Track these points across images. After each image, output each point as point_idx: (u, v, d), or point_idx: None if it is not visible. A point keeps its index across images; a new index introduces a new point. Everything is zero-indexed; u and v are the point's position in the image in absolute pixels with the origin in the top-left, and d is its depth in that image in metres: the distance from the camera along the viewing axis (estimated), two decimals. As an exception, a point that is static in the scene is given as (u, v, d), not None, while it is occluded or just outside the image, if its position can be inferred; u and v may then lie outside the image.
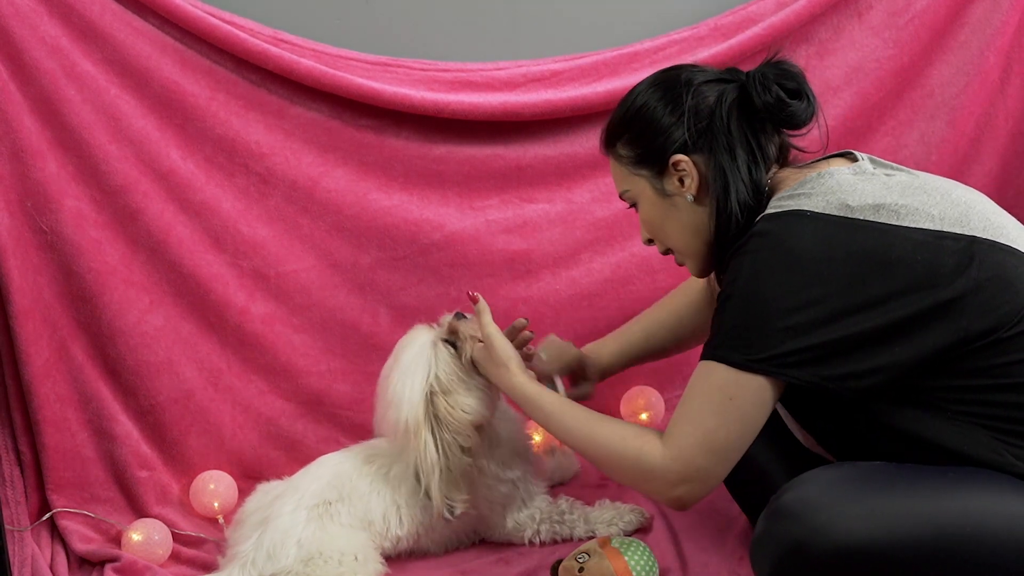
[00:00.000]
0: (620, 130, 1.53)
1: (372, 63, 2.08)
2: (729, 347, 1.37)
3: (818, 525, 1.27)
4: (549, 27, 2.21)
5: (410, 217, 2.11)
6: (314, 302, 2.09)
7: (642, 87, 1.52)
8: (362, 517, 1.73)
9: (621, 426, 1.51)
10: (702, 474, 1.40)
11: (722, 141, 1.44)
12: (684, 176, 1.47)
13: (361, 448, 1.84)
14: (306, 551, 1.65)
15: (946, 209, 1.35)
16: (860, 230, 1.33)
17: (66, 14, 1.87)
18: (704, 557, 1.75)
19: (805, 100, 1.43)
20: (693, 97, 1.46)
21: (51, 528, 1.89)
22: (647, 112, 1.49)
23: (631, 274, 2.20)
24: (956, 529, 1.27)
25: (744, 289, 1.37)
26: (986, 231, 1.34)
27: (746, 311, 1.37)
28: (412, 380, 1.68)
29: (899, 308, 1.31)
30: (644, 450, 1.43)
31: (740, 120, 1.44)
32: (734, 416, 1.37)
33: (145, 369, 1.97)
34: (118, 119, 1.92)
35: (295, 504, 1.70)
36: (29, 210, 1.87)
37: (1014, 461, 1.32)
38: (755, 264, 1.36)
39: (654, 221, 1.54)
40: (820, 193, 1.38)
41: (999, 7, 2.21)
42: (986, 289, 1.31)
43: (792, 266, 1.33)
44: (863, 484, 1.32)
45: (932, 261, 1.31)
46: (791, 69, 1.44)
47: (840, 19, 2.21)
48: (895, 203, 1.35)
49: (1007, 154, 2.29)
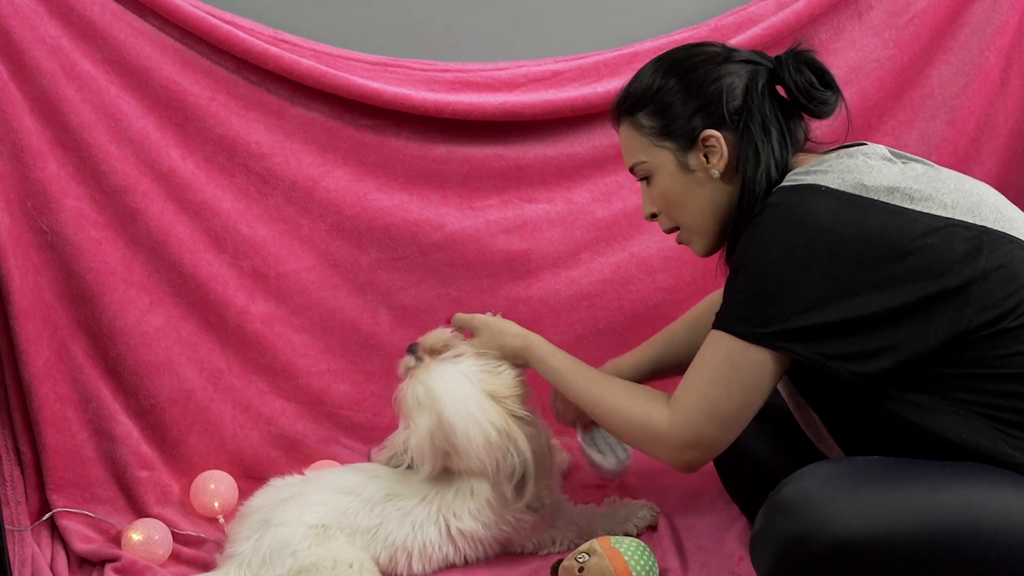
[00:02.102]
0: (645, 99, 1.52)
1: (372, 63, 2.08)
2: (736, 318, 1.39)
3: (817, 519, 1.28)
4: (549, 27, 2.21)
5: (410, 217, 2.11)
6: (314, 302, 2.09)
7: (669, 60, 1.52)
8: (364, 547, 1.69)
9: (630, 390, 1.54)
10: (708, 440, 1.43)
11: (757, 120, 1.45)
12: (711, 152, 1.48)
13: (378, 477, 1.76)
14: (300, 563, 1.63)
15: (959, 198, 1.36)
16: (873, 209, 1.34)
17: (66, 14, 1.87)
18: (704, 557, 1.75)
19: (832, 88, 1.46)
20: (729, 74, 1.46)
21: (51, 528, 1.89)
22: (680, 84, 1.49)
23: (631, 274, 2.20)
24: (955, 523, 1.28)
25: (754, 260, 1.38)
26: (997, 223, 1.35)
27: (755, 283, 1.38)
28: (473, 404, 1.66)
29: (905, 292, 1.31)
30: (652, 416, 1.47)
31: (772, 101, 1.46)
32: (738, 387, 1.40)
33: (145, 369, 1.97)
34: (118, 119, 1.92)
35: (297, 517, 1.67)
36: (29, 210, 1.87)
37: (1011, 451, 1.33)
38: (766, 235, 1.37)
39: (670, 195, 1.53)
40: (837, 171, 1.39)
41: (999, 7, 2.21)
42: (993, 279, 1.31)
43: (803, 239, 1.34)
44: (862, 478, 1.32)
45: (942, 246, 1.32)
46: (818, 59, 1.47)
47: (840, 19, 2.21)
48: (909, 187, 1.36)
49: (1007, 154, 2.29)
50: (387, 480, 1.75)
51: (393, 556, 1.70)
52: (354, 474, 1.80)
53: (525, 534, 1.76)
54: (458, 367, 1.69)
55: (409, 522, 1.70)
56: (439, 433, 1.66)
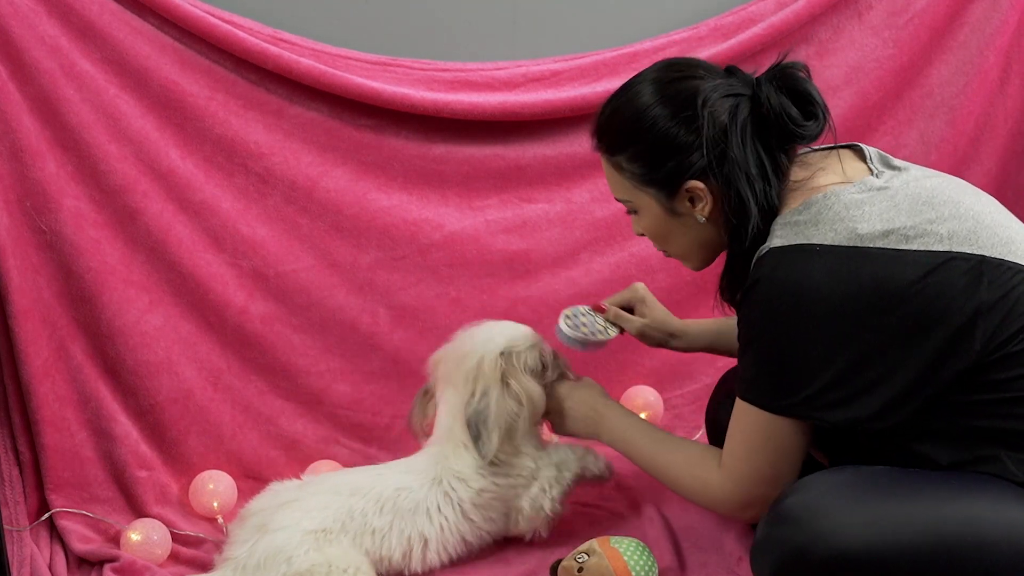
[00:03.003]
0: (623, 141, 1.47)
1: (372, 63, 2.08)
2: (757, 392, 1.40)
3: (819, 531, 1.28)
4: (549, 27, 2.21)
5: (410, 217, 2.11)
6: (313, 302, 2.09)
7: (648, 96, 1.44)
8: (371, 551, 1.69)
9: (684, 454, 1.58)
10: (760, 499, 1.43)
11: (740, 167, 1.39)
12: (696, 199, 1.44)
13: (384, 475, 1.77)
14: (295, 569, 1.62)
15: (956, 227, 1.33)
16: (869, 259, 1.31)
17: (65, 14, 1.87)
18: (703, 557, 1.75)
19: (817, 117, 1.40)
20: (708, 117, 1.39)
21: (50, 528, 1.88)
22: (658, 131, 1.42)
23: (631, 274, 2.20)
24: (957, 538, 1.27)
25: (761, 337, 1.37)
26: (995, 247, 1.33)
27: (766, 359, 1.38)
28: (499, 337, 1.75)
29: (914, 342, 1.30)
30: (707, 483, 1.51)
31: (755, 139, 1.40)
32: (776, 453, 1.41)
33: (144, 369, 1.97)
34: (117, 119, 1.92)
35: (295, 523, 1.66)
36: (28, 210, 1.87)
37: (1015, 471, 1.32)
38: (768, 309, 1.35)
39: (657, 233, 1.52)
40: (827, 220, 1.34)
41: (998, 7, 2.22)
42: (995, 310, 1.30)
43: (804, 308, 1.33)
44: (865, 490, 1.32)
45: (943, 284, 1.30)
46: (800, 82, 1.40)
47: (840, 19, 2.21)
48: (904, 226, 1.33)
49: (1006, 154, 2.30)
50: (394, 474, 1.76)
51: (407, 551, 1.71)
52: (356, 475, 1.81)
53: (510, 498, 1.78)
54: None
55: (424, 509, 1.71)
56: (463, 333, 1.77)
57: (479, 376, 1.73)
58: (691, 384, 2.25)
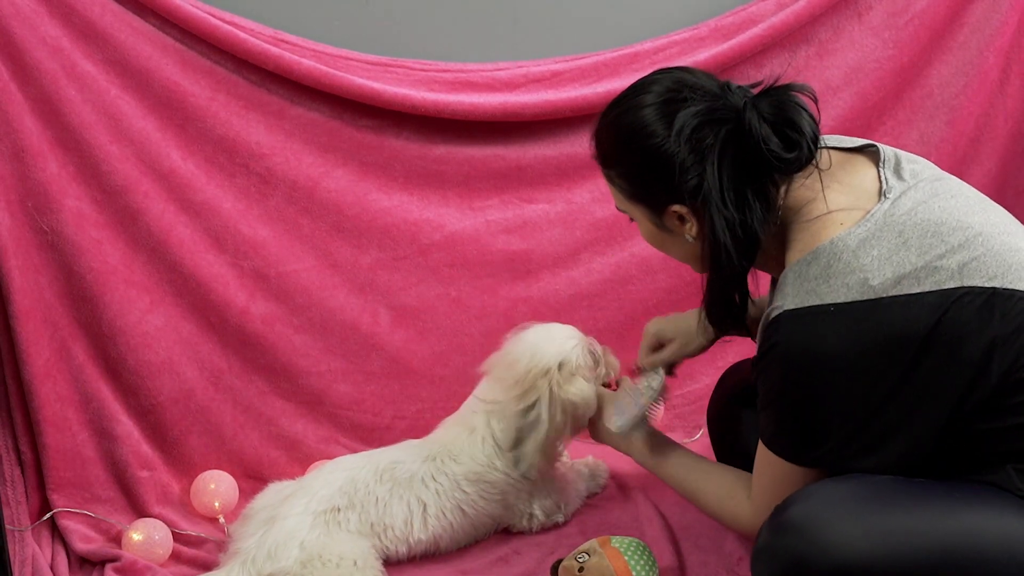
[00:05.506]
0: (614, 157, 1.47)
1: (372, 63, 2.08)
2: (780, 444, 1.41)
3: (821, 542, 1.28)
4: (549, 27, 2.21)
5: (410, 217, 2.11)
6: (314, 302, 2.09)
7: (639, 116, 1.42)
8: (376, 523, 1.74)
9: (714, 483, 1.61)
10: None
11: (712, 197, 1.37)
12: (684, 219, 1.44)
13: (377, 453, 1.85)
14: (307, 554, 1.65)
15: (965, 258, 1.32)
16: (882, 309, 1.31)
17: (67, 15, 1.87)
18: (703, 557, 1.75)
19: (801, 148, 1.36)
20: (686, 145, 1.37)
21: (52, 528, 1.89)
22: (644, 154, 1.41)
23: (631, 274, 2.20)
24: (959, 551, 1.27)
25: (780, 401, 1.39)
26: (1006, 277, 1.32)
27: (786, 420, 1.39)
28: (551, 344, 1.78)
29: (934, 383, 1.31)
30: (738, 516, 1.55)
31: (733, 168, 1.37)
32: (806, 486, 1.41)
33: (146, 369, 1.97)
34: (119, 119, 1.92)
35: (303, 507, 1.70)
36: (30, 210, 1.87)
37: (1018, 482, 1.32)
38: (787, 378, 1.36)
39: (653, 243, 1.54)
40: (838, 274, 1.33)
41: (998, 7, 2.22)
42: (1010, 342, 1.30)
43: (821, 371, 1.33)
44: (868, 501, 1.32)
45: (956, 320, 1.30)
46: (788, 109, 1.36)
47: (840, 19, 2.21)
48: (914, 268, 1.32)
49: (1006, 154, 2.30)
50: (389, 451, 1.83)
51: (408, 517, 1.75)
52: (353, 457, 1.88)
53: (515, 492, 1.82)
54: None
55: (419, 478, 1.77)
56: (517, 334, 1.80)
57: (533, 388, 1.76)
58: (691, 384, 2.25)
